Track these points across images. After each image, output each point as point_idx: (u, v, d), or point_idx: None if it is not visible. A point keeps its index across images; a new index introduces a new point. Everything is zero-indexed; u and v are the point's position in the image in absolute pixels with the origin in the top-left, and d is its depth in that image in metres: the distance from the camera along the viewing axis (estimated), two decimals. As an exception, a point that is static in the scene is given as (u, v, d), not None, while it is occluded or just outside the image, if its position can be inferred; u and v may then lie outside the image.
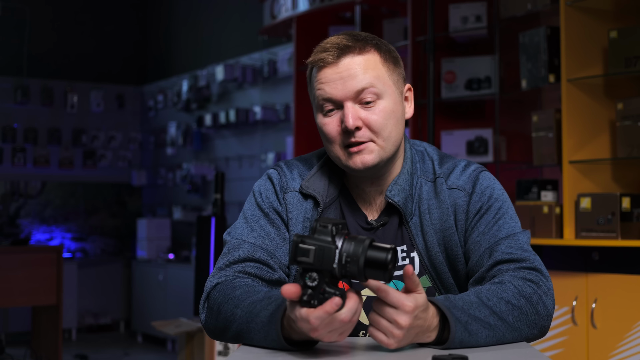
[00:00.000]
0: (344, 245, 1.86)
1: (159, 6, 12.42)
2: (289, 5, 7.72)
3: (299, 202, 2.44)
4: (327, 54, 2.32)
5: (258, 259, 2.35)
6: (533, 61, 5.38)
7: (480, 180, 2.43)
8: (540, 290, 2.22)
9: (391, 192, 2.40)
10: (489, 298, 2.13)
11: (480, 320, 2.08)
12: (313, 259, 1.85)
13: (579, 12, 5.12)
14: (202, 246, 7.48)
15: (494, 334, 2.10)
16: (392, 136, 2.35)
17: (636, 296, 4.62)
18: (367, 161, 2.32)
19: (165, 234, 11.37)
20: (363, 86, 2.30)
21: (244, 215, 2.47)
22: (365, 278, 1.88)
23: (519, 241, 2.35)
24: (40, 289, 8.63)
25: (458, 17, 6.04)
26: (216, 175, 7.57)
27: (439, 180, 2.42)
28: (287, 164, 2.53)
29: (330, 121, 2.35)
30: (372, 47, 2.36)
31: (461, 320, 2.04)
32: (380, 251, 1.87)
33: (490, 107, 6.17)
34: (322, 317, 1.85)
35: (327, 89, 2.32)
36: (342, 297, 1.87)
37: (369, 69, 2.32)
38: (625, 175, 5.24)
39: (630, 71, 4.91)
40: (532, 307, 2.18)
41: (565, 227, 5.00)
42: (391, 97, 2.35)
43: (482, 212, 2.39)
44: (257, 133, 9.82)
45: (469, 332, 2.05)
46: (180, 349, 6.77)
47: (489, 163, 5.87)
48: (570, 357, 4.87)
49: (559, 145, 5.21)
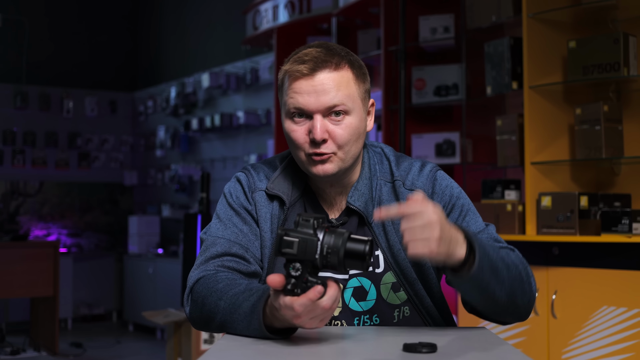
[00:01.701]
0: (325, 238, 1.88)
1: (148, 18, 12.38)
2: (270, 17, 7.72)
3: (266, 201, 2.44)
4: (304, 67, 2.29)
5: (234, 253, 2.35)
6: (497, 69, 5.37)
7: (439, 180, 2.43)
8: (529, 271, 2.27)
9: (352, 198, 2.39)
10: (499, 250, 2.16)
11: (491, 259, 2.08)
12: (297, 250, 1.87)
13: (540, 24, 5.11)
14: (189, 242, 7.46)
15: (497, 275, 2.10)
16: (352, 150, 2.34)
17: (593, 288, 4.61)
18: (328, 170, 2.32)
19: (155, 230, 11.35)
20: (334, 103, 2.28)
21: (217, 215, 2.47)
22: (344, 268, 1.89)
23: (492, 233, 2.37)
24: (38, 281, 8.61)
25: (427, 28, 6.03)
26: (202, 176, 7.55)
27: (397, 182, 2.41)
28: (253, 166, 2.53)
29: (298, 129, 2.32)
30: (346, 63, 2.34)
31: (481, 245, 2.05)
32: (359, 243, 1.88)
33: (457, 112, 6.15)
34: (305, 304, 1.86)
35: (300, 99, 2.29)
36: (324, 286, 1.88)
37: (341, 86, 2.30)
38: (583, 175, 5.24)
39: (587, 79, 4.90)
40: (527, 276, 2.24)
41: (528, 223, 4.98)
42: (358, 114, 2.34)
43: (447, 211, 2.39)
44: (240, 136, 9.81)
45: (488, 257, 2.05)
46: (168, 337, 6.72)
47: (457, 164, 5.86)
48: (532, 345, 4.85)
49: (521, 147, 5.20)
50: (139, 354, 9.13)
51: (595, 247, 4.64)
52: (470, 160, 5.91)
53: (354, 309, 2.36)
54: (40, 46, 11.65)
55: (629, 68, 4.78)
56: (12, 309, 10.40)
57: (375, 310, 2.36)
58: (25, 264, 8.59)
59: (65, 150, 11.68)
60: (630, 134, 5.01)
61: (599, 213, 4.77)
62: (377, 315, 2.36)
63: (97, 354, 8.96)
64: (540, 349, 4.82)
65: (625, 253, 4.50)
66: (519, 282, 2.17)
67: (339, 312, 2.36)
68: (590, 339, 4.59)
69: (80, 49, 12.04)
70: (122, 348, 9.50)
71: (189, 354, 6.36)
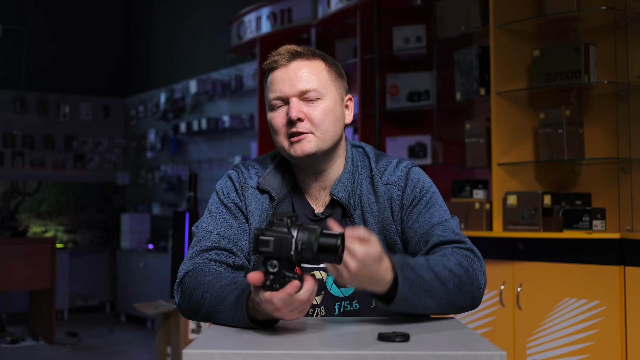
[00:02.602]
0: (299, 235, 1.87)
1: (139, 29, 12.34)
2: (253, 28, 7.70)
3: (256, 197, 2.43)
4: (280, 57, 2.37)
5: (223, 247, 2.34)
6: (466, 76, 5.35)
7: (412, 175, 2.42)
8: (475, 266, 2.22)
9: (335, 190, 2.40)
10: (435, 264, 2.13)
11: (425, 281, 2.07)
12: (273, 248, 1.86)
13: (506, 34, 5.10)
14: (178, 238, 7.44)
15: (432, 295, 2.09)
16: (329, 131, 2.36)
17: (556, 281, 4.61)
18: (306, 149, 2.34)
19: (146, 227, 11.31)
20: (307, 88, 2.34)
21: (209, 210, 2.46)
22: (318, 261, 1.88)
23: (451, 226, 2.34)
24: (37, 275, 8.59)
25: (401, 38, 6.01)
26: (190, 176, 7.51)
27: (375, 177, 2.42)
28: (244, 164, 2.52)
29: (277, 115, 2.37)
30: (319, 57, 2.41)
31: (409, 278, 2.03)
32: (331, 237, 1.87)
33: (429, 117, 6.15)
34: (284, 299, 1.87)
35: (277, 87, 2.36)
36: (300, 280, 1.89)
37: (313, 74, 2.36)
38: (547, 175, 5.23)
39: (551, 85, 4.90)
40: (469, 277, 2.17)
41: (495, 221, 4.97)
42: (331, 99, 2.38)
43: (414, 203, 2.38)
44: (225, 139, 9.77)
45: (413, 291, 2.04)
46: (158, 327, 6.66)
47: (428, 165, 5.84)
48: (499, 334, 4.84)
49: (488, 149, 5.20)
50: (130, 342, 9.07)
51: (558, 242, 4.64)
52: (440, 161, 5.91)
53: (336, 294, 2.37)
54: (39, 55, 11.61)
55: (590, 75, 4.78)
56: (12, 300, 10.36)
57: (355, 296, 2.36)
58: (25, 258, 8.57)
59: (61, 152, 11.64)
60: (591, 137, 5.01)
61: (561, 211, 4.77)
62: (356, 301, 2.36)
63: (92, 343, 8.90)
64: (506, 338, 4.81)
65: (586, 248, 4.50)
66: (458, 289, 2.15)
67: (321, 299, 2.36)
68: (554, 328, 4.59)
69: (76, 57, 11.99)
70: (115, 337, 9.44)
71: (178, 342, 6.31)
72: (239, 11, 8.06)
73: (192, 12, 10.86)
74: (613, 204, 4.82)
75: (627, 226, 4.65)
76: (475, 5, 5.34)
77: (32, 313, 9.15)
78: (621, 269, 4.34)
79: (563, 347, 4.52)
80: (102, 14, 12.31)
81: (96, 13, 12.25)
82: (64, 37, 11.90)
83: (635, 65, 4.73)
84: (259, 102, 7.65)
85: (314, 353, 1.72)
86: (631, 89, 4.75)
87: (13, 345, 8.32)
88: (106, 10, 12.36)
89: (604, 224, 4.61)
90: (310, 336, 1.96)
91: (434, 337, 1.93)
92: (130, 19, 12.56)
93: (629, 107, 4.76)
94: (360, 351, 1.73)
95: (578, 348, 4.46)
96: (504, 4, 5.09)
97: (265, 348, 1.77)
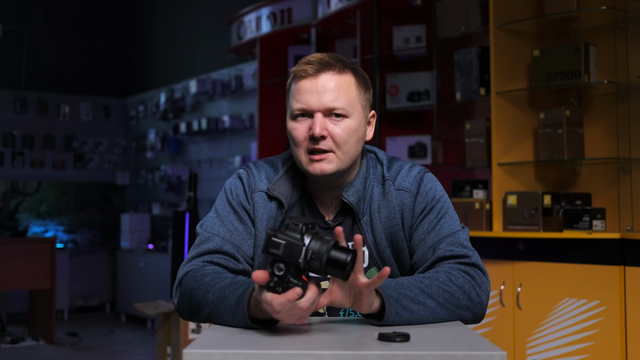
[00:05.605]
0: (311, 244, 1.86)
1: (140, 29, 12.34)
2: (253, 28, 7.69)
3: (265, 202, 2.39)
4: (310, 67, 2.29)
5: (226, 251, 2.31)
6: (466, 76, 5.35)
7: (424, 182, 2.39)
8: (474, 282, 2.21)
9: (346, 193, 2.36)
10: (422, 281, 2.14)
11: (409, 298, 2.08)
12: (282, 252, 1.85)
13: (506, 34, 5.09)
14: (178, 238, 7.43)
15: (424, 309, 2.10)
16: (350, 152, 2.31)
17: (556, 281, 4.61)
18: (325, 169, 2.29)
19: (146, 227, 11.31)
20: (335, 106, 2.27)
21: (216, 210, 2.42)
22: (325, 273, 1.87)
23: (459, 238, 2.32)
24: (37, 274, 8.59)
25: (401, 38, 6.00)
26: (190, 176, 7.50)
27: (387, 182, 2.39)
28: (255, 165, 2.48)
29: (299, 127, 2.30)
30: (350, 70, 2.34)
31: (392, 296, 2.05)
32: (342, 252, 1.87)
33: (429, 117, 6.15)
34: (283, 304, 1.86)
35: (303, 98, 2.28)
36: (303, 288, 1.88)
37: (342, 90, 2.29)
38: (547, 175, 5.23)
39: (550, 85, 4.90)
40: (464, 293, 2.17)
41: (494, 221, 4.97)
42: (357, 118, 2.32)
43: (425, 211, 2.36)
44: (225, 139, 9.77)
45: (402, 306, 2.06)
46: (158, 327, 6.66)
47: (428, 165, 5.83)
48: (499, 334, 4.84)
49: (488, 149, 5.19)
50: (130, 342, 9.07)
51: (558, 242, 4.64)
52: (440, 161, 5.90)
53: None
54: (39, 55, 11.61)
55: (590, 75, 4.78)
56: (12, 300, 10.35)
57: None
58: (25, 258, 8.58)
59: (61, 152, 11.63)
60: (591, 137, 5.01)
61: (561, 211, 4.77)
62: None
63: (92, 343, 8.89)
64: (506, 338, 4.80)
65: (586, 248, 4.50)
66: (452, 303, 2.16)
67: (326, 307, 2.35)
68: (553, 328, 4.59)
69: (76, 57, 12.00)
70: (115, 337, 9.44)
71: (178, 342, 6.31)
72: (239, 11, 8.05)
73: (192, 12, 10.86)
74: (613, 204, 4.81)
75: (627, 226, 4.65)
76: (475, 5, 5.34)
77: (32, 313, 9.15)
78: (621, 269, 4.34)
79: (563, 347, 4.51)
80: (102, 14, 12.32)
81: (96, 13, 12.25)
82: (64, 37, 11.91)
83: (635, 65, 4.73)
84: (259, 102, 7.65)
85: (315, 353, 1.72)
86: (631, 89, 4.75)
87: (13, 345, 8.32)
88: (106, 11, 12.37)
89: (604, 224, 4.61)
90: (310, 336, 1.96)
91: (434, 337, 1.93)
92: (130, 19, 12.56)
93: (629, 107, 4.76)
94: (360, 351, 1.73)
95: (578, 348, 4.46)
96: (504, 4, 5.09)
97: (265, 348, 1.77)
